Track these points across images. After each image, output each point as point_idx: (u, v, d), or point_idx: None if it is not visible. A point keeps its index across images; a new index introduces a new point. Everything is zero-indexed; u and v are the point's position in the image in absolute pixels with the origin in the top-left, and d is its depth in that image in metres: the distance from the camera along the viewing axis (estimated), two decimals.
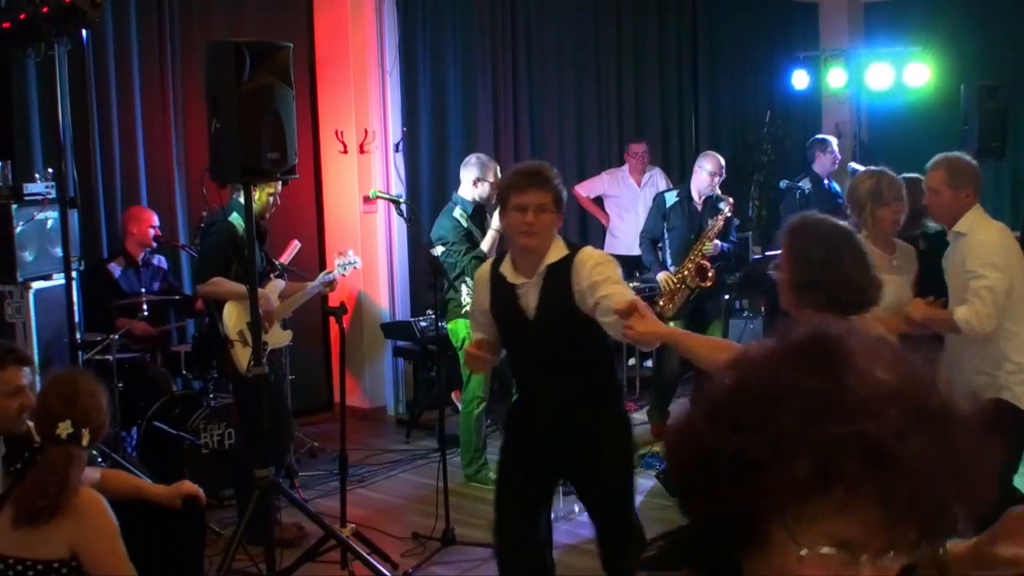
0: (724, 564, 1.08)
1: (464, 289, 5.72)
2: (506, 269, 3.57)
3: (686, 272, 6.44)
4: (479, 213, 5.95)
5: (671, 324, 6.64)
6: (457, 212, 5.87)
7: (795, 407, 0.96)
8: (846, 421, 0.94)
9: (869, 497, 0.95)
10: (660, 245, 6.75)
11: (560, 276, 3.46)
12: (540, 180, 3.47)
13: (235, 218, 4.86)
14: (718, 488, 1.02)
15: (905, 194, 4.25)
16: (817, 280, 2.80)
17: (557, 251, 3.49)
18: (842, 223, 3.02)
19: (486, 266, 3.76)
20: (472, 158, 6.07)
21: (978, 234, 4.18)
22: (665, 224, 6.69)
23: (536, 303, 3.49)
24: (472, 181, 5.90)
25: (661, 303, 6.50)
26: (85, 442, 2.82)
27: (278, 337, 5.33)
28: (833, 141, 8.13)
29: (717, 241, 6.43)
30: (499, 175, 5.87)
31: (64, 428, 2.80)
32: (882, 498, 0.95)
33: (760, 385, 1.00)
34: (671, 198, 6.71)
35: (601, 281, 3.38)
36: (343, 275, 5.62)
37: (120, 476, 3.42)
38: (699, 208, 6.63)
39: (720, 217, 6.44)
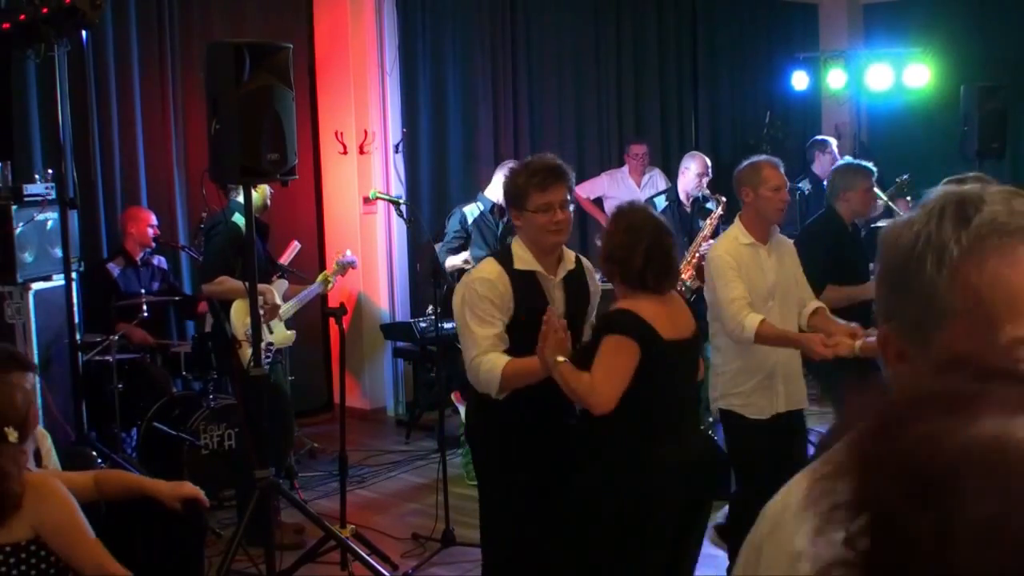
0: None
1: None
2: (529, 265, 3.43)
3: (685, 275, 6.44)
4: (502, 212, 6.04)
5: None
6: (468, 208, 5.93)
7: None
8: None
9: None
10: None
11: (578, 278, 3.56)
12: (561, 175, 3.41)
13: (238, 218, 4.86)
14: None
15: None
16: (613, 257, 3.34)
17: (568, 254, 3.58)
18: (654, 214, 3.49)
19: (496, 268, 3.45)
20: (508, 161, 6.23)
21: None
22: None
23: (563, 301, 3.49)
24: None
25: None
26: (12, 439, 2.85)
27: (283, 337, 5.34)
28: (833, 142, 8.13)
29: (711, 240, 6.43)
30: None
31: None
32: None
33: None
34: (660, 202, 6.73)
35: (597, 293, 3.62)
36: (340, 276, 5.63)
37: (116, 475, 3.41)
38: (688, 210, 6.64)
39: (713, 216, 6.45)
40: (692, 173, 6.61)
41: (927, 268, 1.04)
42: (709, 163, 6.68)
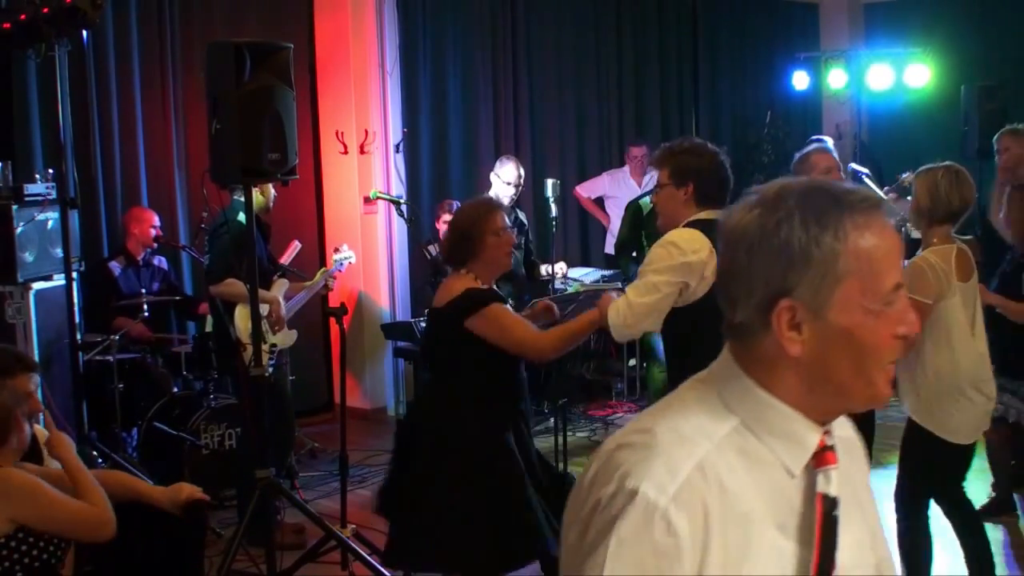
0: None
1: None
2: None
3: None
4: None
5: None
6: None
7: None
8: None
9: None
10: (635, 254, 6.58)
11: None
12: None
13: (243, 217, 4.85)
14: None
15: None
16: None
17: None
18: None
19: None
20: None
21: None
22: (643, 231, 6.48)
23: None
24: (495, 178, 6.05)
25: None
26: None
27: (287, 337, 5.34)
28: (828, 141, 8.12)
29: None
30: (510, 172, 5.94)
31: None
32: None
33: None
34: (646, 204, 6.62)
35: None
36: (340, 271, 5.62)
37: (116, 477, 3.41)
38: None
39: None
40: None
41: (825, 241, 1.24)
42: None
